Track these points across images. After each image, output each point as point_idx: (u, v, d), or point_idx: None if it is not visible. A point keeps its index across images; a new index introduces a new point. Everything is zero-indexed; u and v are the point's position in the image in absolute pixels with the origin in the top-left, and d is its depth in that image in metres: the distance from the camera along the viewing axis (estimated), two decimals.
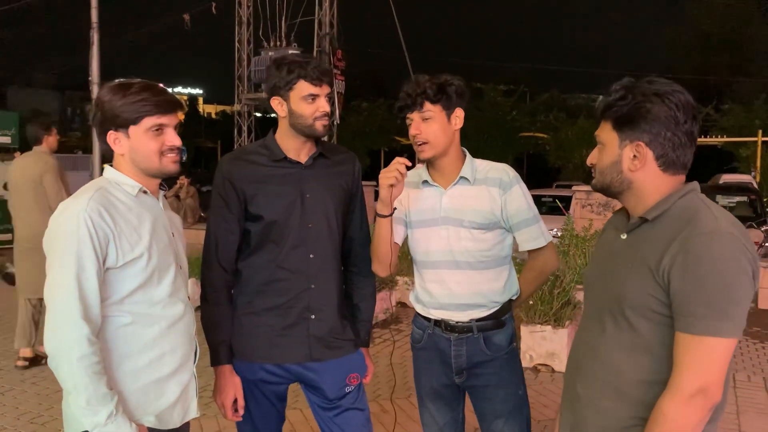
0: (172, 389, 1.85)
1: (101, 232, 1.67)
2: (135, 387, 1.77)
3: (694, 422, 1.40)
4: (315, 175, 2.22)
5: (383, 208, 2.12)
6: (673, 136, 1.49)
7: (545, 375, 5.04)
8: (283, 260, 2.17)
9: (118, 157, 1.84)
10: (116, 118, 1.76)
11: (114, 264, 1.70)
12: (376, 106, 28.97)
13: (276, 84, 2.15)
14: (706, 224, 1.42)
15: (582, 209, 8.49)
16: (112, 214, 1.71)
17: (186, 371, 1.91)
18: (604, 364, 1.56)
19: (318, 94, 2.13)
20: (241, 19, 17.95)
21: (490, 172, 2.21)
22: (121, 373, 1.75)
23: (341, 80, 17.02)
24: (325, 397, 2.25)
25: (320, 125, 2.16)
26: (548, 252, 2.26)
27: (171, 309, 1.84)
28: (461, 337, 2.22)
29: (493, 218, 2.16)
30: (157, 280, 1.80)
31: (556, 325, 5.13)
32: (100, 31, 12.99)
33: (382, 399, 4.47)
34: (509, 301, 2.26)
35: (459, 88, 2.16)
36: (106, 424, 1.63)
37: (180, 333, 1.87)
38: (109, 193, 1.77)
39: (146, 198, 1.86)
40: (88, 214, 1.66)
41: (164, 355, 1.82)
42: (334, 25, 17.11)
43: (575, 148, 26.59)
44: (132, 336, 1.77)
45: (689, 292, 1.39)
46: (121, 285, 1.74)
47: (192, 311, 1.96)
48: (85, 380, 1.61)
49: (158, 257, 1.79)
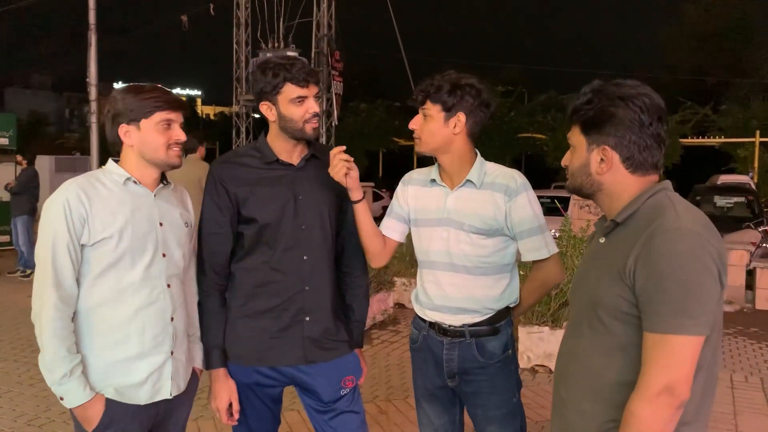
0: (139, 369, 1.97)
1: (76, 212, 1.88)
2: (99, 362, 1.94)
3: (663, 421, 1.40)
4: (307, 177, 2.22)
5: (353, 195, 2.16)
6: (639, 138, 1.51)
7: (543, 376, 5.04)
8: (276, 262, 2.17)
9: (124, 152, 2.01)
10: (130, 113, 1.95)
11: (87, 242, 1.89)
12: (374, 107, 28.95)
13: (263, 89, 2.15)
14: (668, 222, 1.43)
15: (580, 210, 8.49)
16: (91, 196, 1.91)
17: (159, 353, 1.99)
18: (583, 367, 1.58)
19: (306, 95, 2.13)
20: (239, 21, 17.93)
21: (498, 177, 2.17)
22: (87, 348, 1.93)
23: (339, 81, 17.01)
24: (320, 400, 2.25)
25: (310, 128, 2.16)
26: (552, 264, 2.21)
27: (142, 293, 1.95)
28: (454, 341, 2.21)
29: (495, 224, 2.14)
30: (130, 263, 1.94)
31: (553, 326, 5.14)
32: (98, 33, 12.98)
33: (379, 400, 4.48)
34: (507, 308, 2.24)
35: (466, 93, 2.11)
36: (60, 383, 1.85)
37: (151, 317, 1.97)
38: (96, 180, 1.97)
39: (135, 187, 2.00)
40: (66, 197, 1.88)
41: (130, 337, 1.95)
42: (332, 27, 17.09)
43: None
44: (100, 316, 1.93)
45: (652, 290, 1.41)
46: (94, 262, 1.91)
47: (173, 298, 2.03)
48: (48, 342, 1.84)
49: (131, 241, 1.93)
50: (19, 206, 9.34)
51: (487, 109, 2.17)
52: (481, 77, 2.19)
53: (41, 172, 13.69)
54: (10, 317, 6.89)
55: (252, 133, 18.60)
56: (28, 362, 5.31)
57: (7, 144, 12.41)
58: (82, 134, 32.28)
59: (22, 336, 6.13)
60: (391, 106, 29.64)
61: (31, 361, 5.32)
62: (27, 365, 5.24)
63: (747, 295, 7.80)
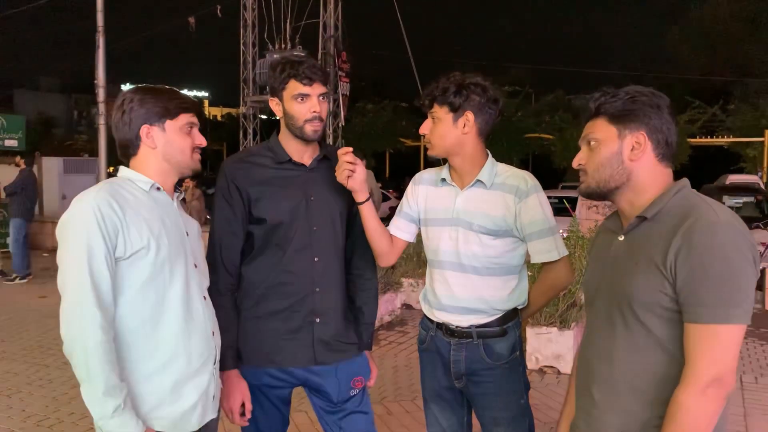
0: (190, 393, 1.82)
1: (110, 222, 1.69)
2: (148, 389, 1.75)
3: (712, 412, 1.41)
4: (319, 178, 2.21)
5: (357, 196, 2.16)
6: (667, 127, 1.57)
7: (551, 377, 5.02)
8: (287, 264, 2.16)
9: (142, 156, 1.87)
10: (152, 114, 1.84)
11: (123, 254, 1.71)
12: (380, 108, 28.95)
13: (272, 85, 2.17)
14: (706, 216, 1.45)
15: (588, 210, 8.46)
16: (122, 205, 1.74)
17: (204, 373, 1.87)
18: (619, 366, 1.57)
19: (308, 93, 2.12)
20: (246, 22, 17.95)
21: (509, 178, 2.16)
22: (135, 377, 1.74)
23: (346, 82, 17.01)
24: (329, 401, 2.25)
25: (310, 128, 2.14)
26: (561, 267, 2.19)
27: (185, 307, 1.82)
28: (461, 342, 2.20)
29: (504, 225, 2.13)
30: (169, 275, 1.79)
31: (562, 327, 5.11)
32: (106, 35, 13.04)
33: (387, 401, 4.47)
34: (515, 310, 2.23)
35: (472, 92, 2.10)
36: (112, 416, 1.62)
37: (196, 333, 1.85)
38: (121, 188, 1.81)
39: (159, 195, 1.88)
40: (97, 205, 1.69)
41: (179, 356, 1.80)
42: (339, 28, 17.11)
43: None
44: (144, 337, 1.76)
45: (696, 282, 1.42)
46: (133, 277, 1.73)
47: (209, 311, 1.94)
48: (98, 369, 1.61)
49: (169, 250, 1.79)
50: (14, 208, 9.18)
51: (495, 106, 2.16)
52: (488, 77, 2.18)
53: (50, 173, 13.80)
54: (19, 319, 6.92)
55: (259, 135, 18.62)
56: (37, 363, 5.34)
57: (16, 146, 12.48)
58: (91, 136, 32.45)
59: (31, 337, 6.16)
60: (398, 106, 29.64)
61: (41, 362, 5.35)
62: (36, 366, 5.27)
63: (757, 296, 7.76)
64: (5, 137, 12.39)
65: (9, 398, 4.58)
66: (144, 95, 1.85)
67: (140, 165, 1.88)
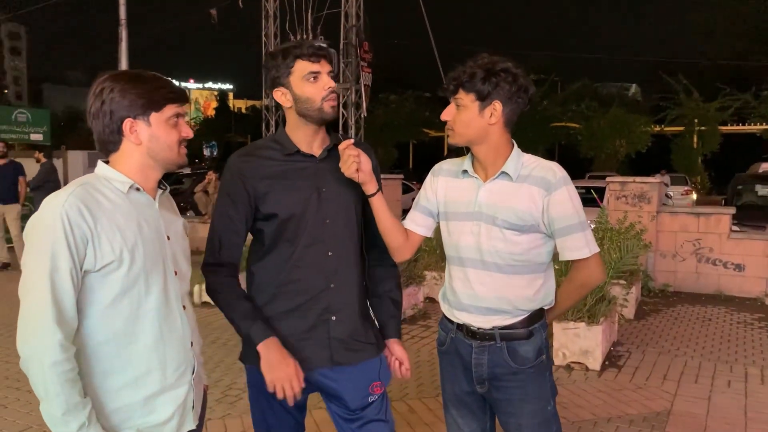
0: (164, 405, 1.72)
1: (78, 231, 1.55)
2: (117, 404, 1.66)
3: None
4: (330, 169, 2.10)
5: (366, 188, 2.06)
6: None
7: (579, 373, 4.87)
8: (299, 259, 2.06)
9: (123, 152, 1.71)
10: (136, 105, 1.66)
11: (93, 267, 1.58)
12: (404, 98, 28.81)
13: (275, 75, 2.05)
14: None
15: (616, 201, 8.21)
16: (94, 212, 1.58)
17: (182, 385, 1.76)
18: None
19: (318, 71, 2.03)
20: (267, 13, 17.91)
21: (536, 170, 2.00)
22: (100, 389, 1.63)
23: (368, 73, 16.86)
24: (346, 407, 2.13)
25: (329, 106, 2.05)
26: (593, 264, 2.04)
27: (161, 320, 1.70)
28: (483, 344, 2.08)
29: (530, 220, 1.99)
30: (145, 288, 1.66)
31: (590, 322, 4.95)
32: (129, 28, 13.08)
33: (409, 398, 4.36)
34: (541, 310, 2.10)
35: (502, 80, 1.96)
36: None
37: (173, 346, 1.73)
38: (96, 190, 1.64)
39: (139, 196, 1.72)
40: (66, 212, 1.54)
41: (152, 371, 1.69)
42: (361, 17, 16.95)
43: (608, 138, 26.12)
44: (114, 351, 1.64)
45: None
46: (104, 290, 1.61)
47: (189, 320, 1.82)
48: (56, 388, 1.51)
49: (144, 261, 1.65)
50: (38, 201, 9.42)
51: (525, 95, 2.01)
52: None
53: (75, 167, 13.94)
54: None
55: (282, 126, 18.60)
56: None
57: (41, 139, 12.62)
58: None
59: None
60: (420, 96, 29.48)
61: None
62: None
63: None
64: (30, 131, 12.54)
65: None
66: (126, 84, 1.66)
67: (121, 161, 1.71)
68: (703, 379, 4.82)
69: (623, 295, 5.95)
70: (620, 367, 5.04)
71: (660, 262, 8.12)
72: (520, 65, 2.03)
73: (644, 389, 4.58)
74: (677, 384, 4.69)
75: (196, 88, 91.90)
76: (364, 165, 2.01)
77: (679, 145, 27.87)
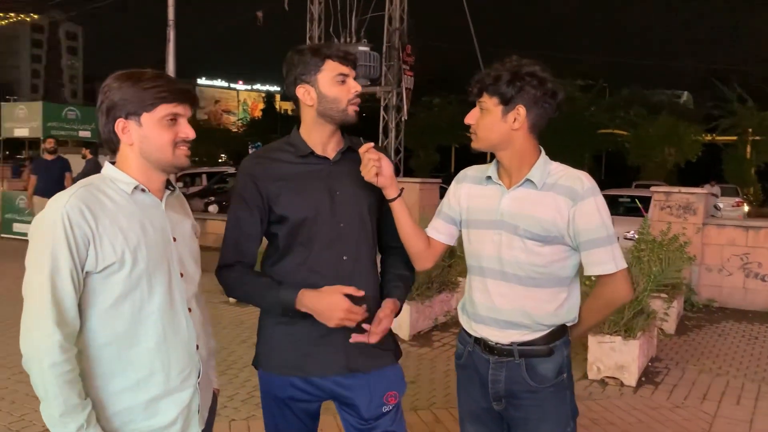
0: (168, 409, 1.70)
1: (79, 232, 1.55)
2: (119, 407, 1.65)
3: None
4: (345, 171, 2.06)
5: (387, 193, 2.02)
6: None
7: (613, 389, 4.71)
8: (314, 263, 2.02)
9: (122, 152, 1.71)
10: (128, 105, 1.64)
11: (94, 268, 1.58)
12: (447, 102, 28.67)
13: (301, 71, 2.01)
14: None
15: (660, 211, 7.95)
16: (96, 213, 1.58)
17: (186, 389, 1.74)
18: None
19: (347, 73, 2.02)
20: (312, 16, 18.06)
21: (563, 178, 1.92)
22: (102, 392, 1.63)
23: (410, 76, 16.82)
24: (360, 417, 2.08)
25: (353, 110, 2.03)
26: (619, 281, 1.94)
27: (164, 323, 1.68)
28: (501, 360, 1.99)
29: (554, 231, 1.90)
30: (147, 289, 1.65)
31: (626, 336, 4.79)
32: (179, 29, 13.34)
33: (436, 407, 4.28)
34: (563, 326, 2.01)
35: (527, 83, 1.87)
36: None
37: (176, 349, 1.71)
38: (99, 191, 1.64)
39: (144, 197, 1.71)
40: (67, 212, 1.54)
41: (154, 373, 1.67)
42: (404, 20, 16.92)
43: (656, 146, 25.48)
44: (116, 353, 1.64)
45: None
46: (105, 292, 1.61)
47: (195, 323, 1.79)
48: (54, 390, 1.51)
49: (147, 262, 1.64)
50: None
51: (552, 100, 1.92)
52: (559, 70, 1.95)
53: None
54: None
55: None
56: None
57: (89, 136, 12.96)
58: None
59: None
60: (464, 100, 29.33)
61: None
62: None
63: None
64: (79, 128, 12.90)
65: None
66: (123, 83, 1.65)
67: (123, 162, 1.71)
68: (746, 400, 4.60)
69: (664, 309, 5.74)
70: (657, 384, 4.85)
71: (705, 276, 7.82)
72: (549, 68, 1.95)
73: (682, 408, 4.40)
74: (717, 405, 4.48)
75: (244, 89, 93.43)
76: (384, 169, 1.98)
77: (731, 155, 27.05)
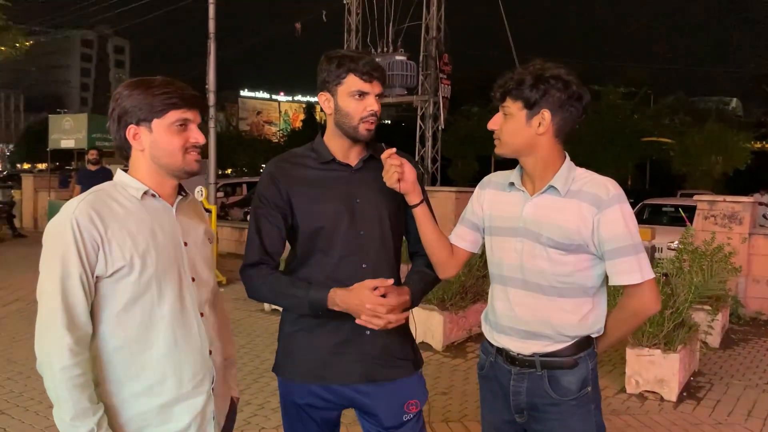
0: (181, 415, 1.70)
1: (88, 237, 1.58)
2: (131, 412, 1.66)
3: None
4: (366, 179, 2.05)
5: (410, 199, 1.99)
6: None
7: (653, 403, 4.56)
8: (333, 271, 2.00)
9: (134, 158, 1.75)
10: (138, 111, 1.68)
11: (104, 272, 1.60)
12: (486, 111, 28.48)
13: (325, 78, 2.01)
14: None
15: (704, 221, 7.70)
16: (105, 218, 1.62)
17: (200, 395, 1.74)
18: None
19: (367, 91, 1.98)
20: (349, 26, 18.20)
21: (587, 185, 1.87)
22: (114, 396, 1.64)
23: (447, 85, 16.77)
24: (380, 425, 2.06)
25: (364, 129, 1.99)
26: (647, 291, 1.86)
27: (175, 327, 1.69)
28: (522, 372, 1.94)
29: (578, 239, 1.84)
30: (157, 294, 1.66)
31: (666, 349, 4.63)
32: (220, 41, 13.58)
33: (467, 420, 4.21)
34: (588, 337, 1.94)
35: (551, 87, 1.83)
36: None
37: (188, 354, 1.72)
38: (109, 197, 1.68)
39: (154, 202, 1.74)
40: (76, 218, 1.58)
41: (166, 378, 1.68)
42: (442, 29, 16.90)
43: (702, 155, 24.81)
44: (128, 358, 1.65)
45: None
46: (116, 296, 1.63)
47: (208, 328, 1.79)
48: (65, 393, 1.53)
49: (157, 267, 1.66)
50: None
51: (578, 104, 1.87)
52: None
53: None
54: None
55: None
56: None
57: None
58: None
59: None
60: None
61: None
62: None
63: None
64: None
65: None
66: (133, 90, 1.69)
67: (135, 168, 1.75)
68: None
69: (708, 321, 5.54)
70: (699, 400, 4.68)
71: (752, 287, 7.54)
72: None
73: (724, 425, 4.23)
74: (763, 422, 4.29)
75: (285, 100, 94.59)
76: (407, 175, 1.95)
77: None
